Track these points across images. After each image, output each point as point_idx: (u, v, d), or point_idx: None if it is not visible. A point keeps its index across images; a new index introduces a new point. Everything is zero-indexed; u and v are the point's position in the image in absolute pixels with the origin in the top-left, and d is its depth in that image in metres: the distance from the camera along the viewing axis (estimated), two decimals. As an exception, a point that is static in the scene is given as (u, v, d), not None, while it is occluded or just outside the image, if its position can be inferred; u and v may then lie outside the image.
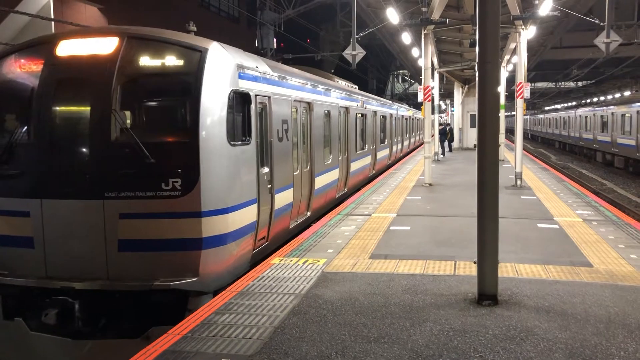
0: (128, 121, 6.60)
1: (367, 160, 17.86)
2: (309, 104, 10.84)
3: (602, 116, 32.69)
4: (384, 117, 22.01)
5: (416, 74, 38.08)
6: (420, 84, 17.51)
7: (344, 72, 36.40)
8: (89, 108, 6.42)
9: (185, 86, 6.52)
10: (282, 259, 7.68)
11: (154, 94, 6.81)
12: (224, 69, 6.85)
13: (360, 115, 16.63)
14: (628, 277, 6.65)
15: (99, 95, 6.35)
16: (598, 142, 33.49)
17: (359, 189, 15.91)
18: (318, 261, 7.55)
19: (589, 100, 56.00)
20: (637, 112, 25.76)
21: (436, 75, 25.86)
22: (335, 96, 13.32)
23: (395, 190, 14.86)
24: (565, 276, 6.71)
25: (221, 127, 6.58)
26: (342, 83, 17.04)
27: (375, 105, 19.80)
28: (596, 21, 18.63)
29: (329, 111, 12.46)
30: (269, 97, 8.35)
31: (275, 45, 34.35)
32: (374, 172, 19.41)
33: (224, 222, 6.56)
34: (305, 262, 7.52)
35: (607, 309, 5.57)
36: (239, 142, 7.04)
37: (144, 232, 6.21)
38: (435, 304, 5.80)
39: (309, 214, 10.70)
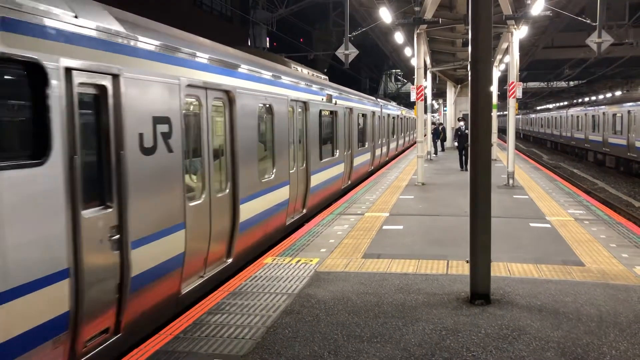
0: None
1: (337, 170, 14.31)
2: (227, 92, 7.25)
3: (593, 116, 32.86)
4: (363, 115, 18.86)
5: (409, 74, 38.12)
6: (413, 84, 17.49)
7: (337, 71, 36.42)
8: None
9: None
10: (275, 259, 7.66)
11: None
12: None
13: (327, 113, 13.57)
14: (619, 276, 6.68)
15: None
16: (589, 142, 33.66)
17: (327, 207, 12.52)
18: (311, 261, 7.53)
19: (580, 100, 56.28)
20: (628, 112, 25.91)
21: (429, 75, 25.91)
22: (279, 85, 9.52)
23: (388, 189, 14.87)
24: (557, 275, 6.73)
25: None
26: (304, 72, 13.59)
27: (351, 101, 16.70)
28: (588, 21, 18.73)
29: (269, 106, 8.88)
30: (115, 77, 4.81)
31: (268, 44, 34.33)
32: (349, 182, 16.15)
33: None
34: (298, 261, 7.51)
35: (599, 308, 5.59)
36: (8, 164, 3.69)
37: None
38: (427, 303, 5.80)
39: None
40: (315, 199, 11.61)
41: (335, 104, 13.98)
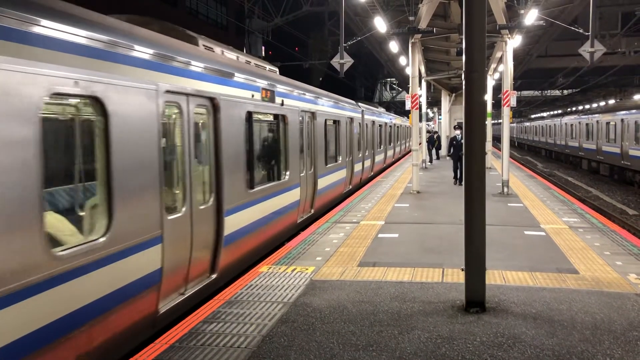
0: None
1: (290, 198, 10.48)
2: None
3: (587, 124, 33.05)
4: (336, 122, 15.13)
5: (404, 82, 38.33)
6: (407, 92, 17.57)
7: (333, 80, 36.52)
8: None
9: None
10: (271, 267, 7.66)
11: None
12: None
13: (271, 117, 9.87)
14: (614, 283, 6.71)
15: None
16: (583, 150, 33.84)
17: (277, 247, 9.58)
18: (306, 269, 7.53)
19: (574, 109, 56.63)
20: (622, 120, 26.08)
21: (423, 84, 26.07)
22: (184, 73, 6.40)
23: (383, 197, 14.90)
24: (552, 283, 6.75)
25: None
26: (231, 56, 9.07)
27: (313, 103, 12.62)
28: (581, 31, 18.91)
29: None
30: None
31: (263, 53, 34.44)
32: (312, 212, 12.28)
33: None
34: (294, 270, 7.51)
35: (594, 316, 5.62)
36: None
37: None
38: (423, 311, 5.81)
39: None
40: (248, 245, 8.39)
41: (282, 104, 10.10)
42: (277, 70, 11.47)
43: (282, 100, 10.17)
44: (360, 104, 21.12)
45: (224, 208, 7.23)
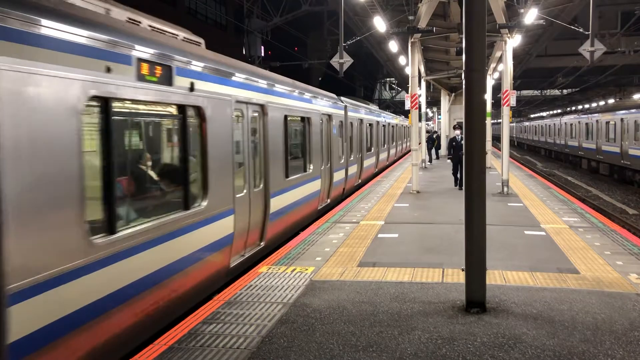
0: None
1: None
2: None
3: (587, 124, 33.04)
4: (305, 120, 11.79)
5: (403, 82, 38.30)
6: (407, 92, 17.54)
7: (332, 80, 36.51)
8: None
9: None
10: (270, 268, 7.63)
11: None
12: None
13: (192, 115, 6.61)
14: (614, 283, 6.69)
15: None
16: (583, 150, 33.82)
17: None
18: (306, 269, 7.51)
19: (574, 108, 56.63)
20: (621, 119, 26.07)
21: (423, 83, 26.03)
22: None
23: (383, 197, 14.88)
24: (552, 283, 6.73)
25: None
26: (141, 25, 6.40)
27: (268, 94, 9.27)
28: (580, 30, 18.90)
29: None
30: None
31: (262, 52, 34.43)
32: (262, 243, 8.85)
33: None
34: (293, 270, 7.48)
35: (594, 316, 5.59)
36: None
37: None
38: (423, 311, 5.78)
39: None
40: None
41: (199, 94, 6.63)
42: (202, 42, 7.95)
43: (203, 88, 6.73)
44: (343, 98, 17.24)
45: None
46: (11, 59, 3.82)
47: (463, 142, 6.34)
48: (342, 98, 17.12)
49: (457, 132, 16.95)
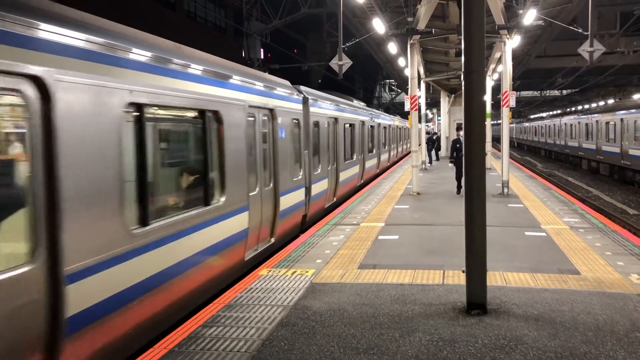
0: None
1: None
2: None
3: (586, 124, 33.02)
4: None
5: (403, 84, 38.31)
6: (407, 94, 17.54)
7: (332, 82, 36.53)
8: None
9: None
10: (271, 270, 7.62)
11: None
12: None
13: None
14: (615, 284, 6.67)
15: None
16: (583, 150, 33.81)
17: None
18: (306, 272, 7.50)
19: (573, 109, 56.62)
20: (621, 120, 26.06)
21: (422, 85, 26.05)
22: None
23: (383, 199, 14.86)
24: (553, 284, 6.72)
25: None
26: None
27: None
28: (579, 30, 18.91)
29: None
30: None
31: (262, 55, 34.42)
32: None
33: None
34: (294, 272, 7.47)
35: (596, 317, 5.58)
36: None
37: None
38: (424, 313, 5.77)
39: None
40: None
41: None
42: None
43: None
44: (303, 88, 12.58)
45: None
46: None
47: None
48: (302, 88, 12.45)
49: (461, 133, 14.34)
